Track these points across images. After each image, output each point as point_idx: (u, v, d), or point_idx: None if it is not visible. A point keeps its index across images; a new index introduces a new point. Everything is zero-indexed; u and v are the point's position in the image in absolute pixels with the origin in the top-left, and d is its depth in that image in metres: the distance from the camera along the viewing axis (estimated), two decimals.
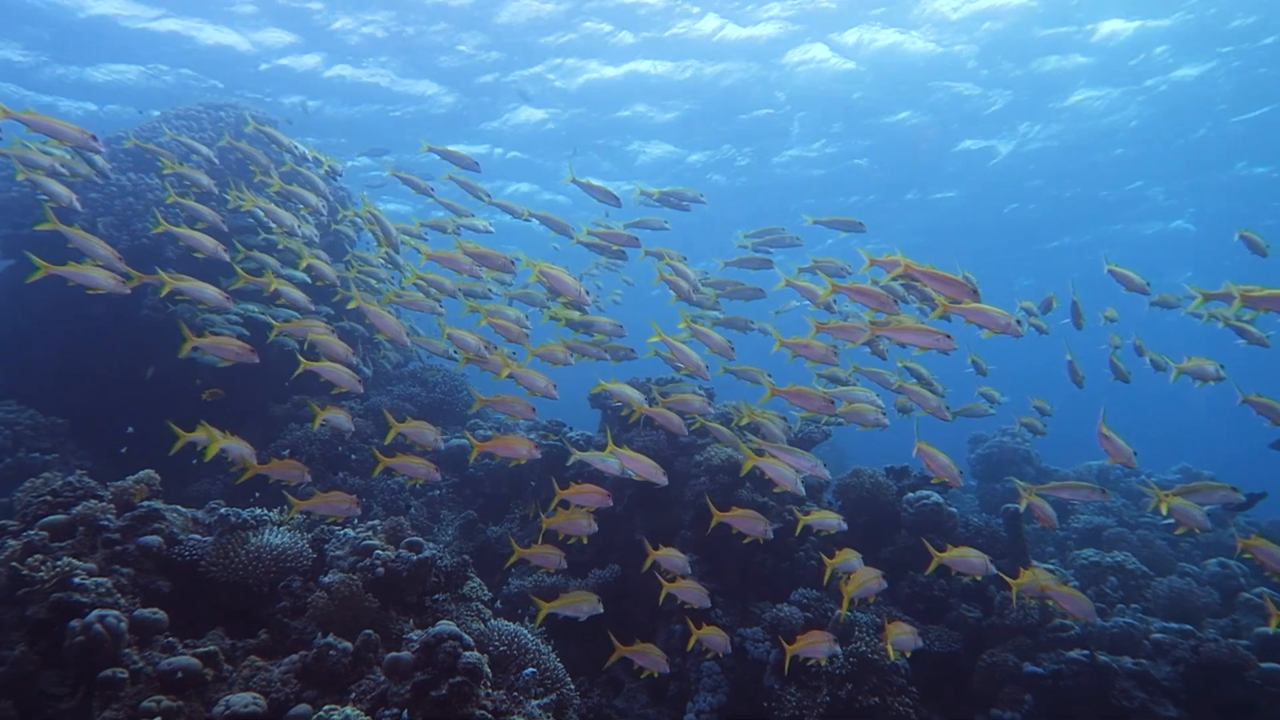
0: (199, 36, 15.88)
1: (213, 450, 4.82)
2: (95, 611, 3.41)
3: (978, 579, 5.91)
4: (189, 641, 3.83)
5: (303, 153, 9.40)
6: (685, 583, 5.61)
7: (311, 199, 8.23)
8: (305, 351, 6.01)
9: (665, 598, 5.63)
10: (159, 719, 3.29)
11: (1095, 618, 5.62)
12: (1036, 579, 5.30)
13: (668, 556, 5.67)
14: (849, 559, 5.56)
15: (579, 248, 7.94)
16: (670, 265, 7.47)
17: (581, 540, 5.96)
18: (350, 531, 4.75)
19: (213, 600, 4.19)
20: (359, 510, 4.88)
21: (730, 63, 17.54)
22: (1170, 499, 5.19)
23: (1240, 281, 5.64)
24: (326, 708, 3.42)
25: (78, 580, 3.57)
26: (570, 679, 4.74)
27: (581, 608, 5.34)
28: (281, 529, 4.52)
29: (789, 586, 6.66)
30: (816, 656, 5.29)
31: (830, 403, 5.90)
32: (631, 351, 7.40)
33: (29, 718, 3.34)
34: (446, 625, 4.01)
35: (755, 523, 5.74)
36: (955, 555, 5.43)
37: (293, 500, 4.64)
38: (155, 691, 3.43)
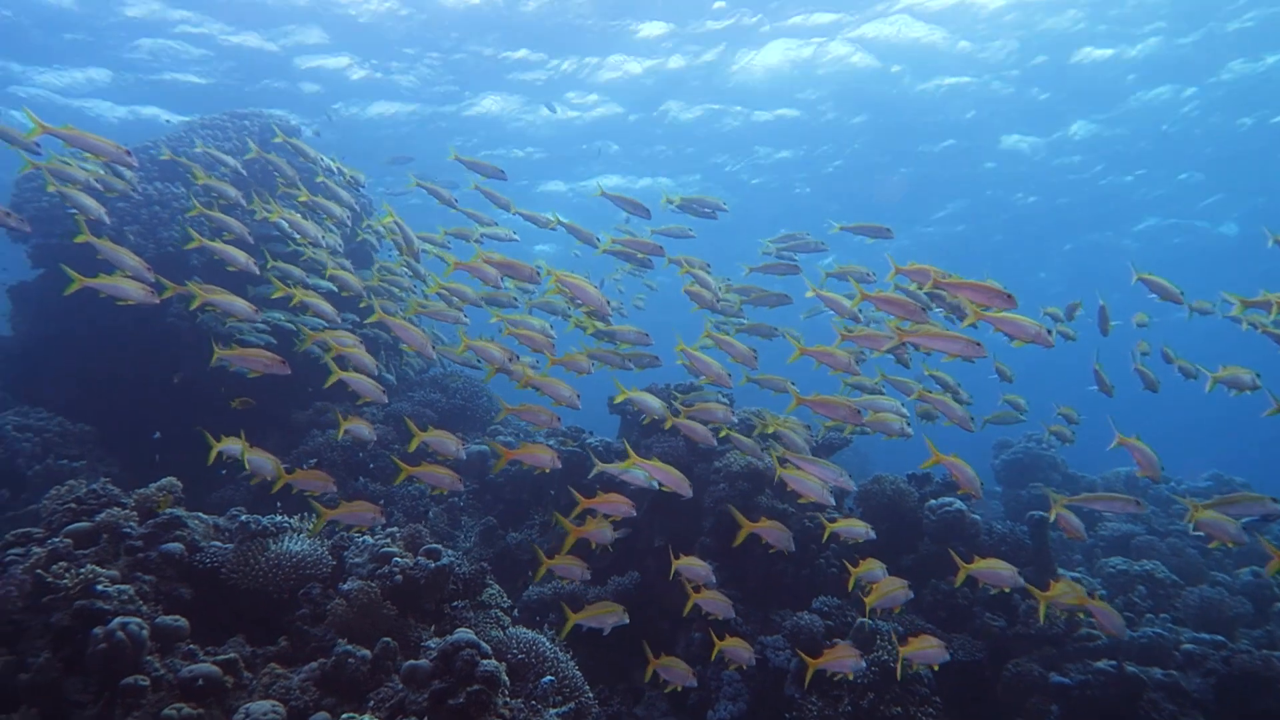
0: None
1: (243, 456, 4.95)
2: (117, 619, 3.45)
3: (1005, 591, 5.82)
4: (210, 648, 3.87)
5: (327, 164, 9.51)
6: (710, 593, 5.57)
7: (336, 210, 8.32)
8: (332, 361, 6.09)
9: (690, 608, 5.58)
10: None
11: (1127, 633, 5.48)
12: (1070, 593, 5.19)
13: (690, 565, 5.63)
14: (873, 568, 5.51)
15: (600, 251, 7.91)
16: (692, 274, 7.43)
17: (607, 549, 5.95)
18: (369, 538, 4.77)
19: (234, 607, 4.22)
20: (383, 519, 4.88)
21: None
22: (1202, 511, 5.04)
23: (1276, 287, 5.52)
24: (345, 716, 3.44)
25: (100, 588, 3.61)
26: (589, 687, 4.73)
27: (607, 619, 5.30)
28: (301, 536, 4.54)
29: (810, 594, 6.61)
30: (843, 672, 5.20)
31: (856, 412, 5.86)
32: (655, 359, 7.37)
33: None
34: (464, 633, 4.01)
35: (781, 534, 5.71)
36: (983, 567, 5.32)
37: (321, 510, 4.66)
38: (176, 699, 3.46)
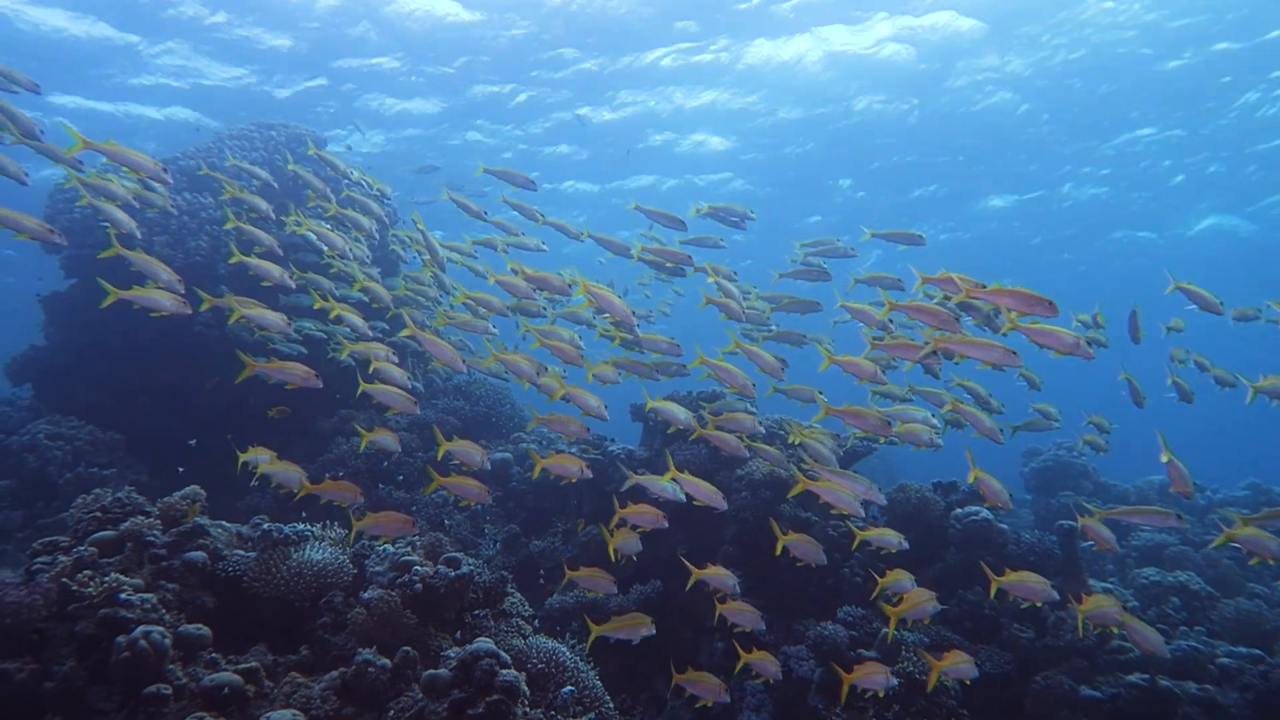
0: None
1: (264, 468, 5.04)
2: (140, 628, 3.48)
3: (1038, 605, 5.69)
4: (232, 657, 3.89)
5: (356, 177, 9.65)
6: (737, 604, 5.50)
7: (365, 222, 8.43)
8: (363, 372, 6.18)
9: (717, 619, 5.52)
10: None
11: (1166, 651, 5.30)
12: (1108, 607, 5.05)
13: (716, 575, 5.55)
14: (900, 579, 5.41)
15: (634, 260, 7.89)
16: (717, 282, 7.39)
17: (632, 558, 5.93)
18: (390, 547, 4.78)
19: (256, 615, 4.24)
20: (415, 530, 4.86)
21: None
22: (1242, 529, 4.85)
23: None
24: None
25: (124, 596, 3.65)
26: (610, 697, 4.70)
27: (638, 631, 5.25)
28: (323, 544, 4.56)
29: (833, 603, 6.53)
30: (874, 688, 5.05)
31: (886, 423, 5.80)
32: (683, 368, 7.34)
33: None
34: (484, 643, 4.01)
35: (811, 548, 5.65)
36: (1014, 580, 5.19)
37: (352, 521, 4.68)
38: (198, 708, 3.48)
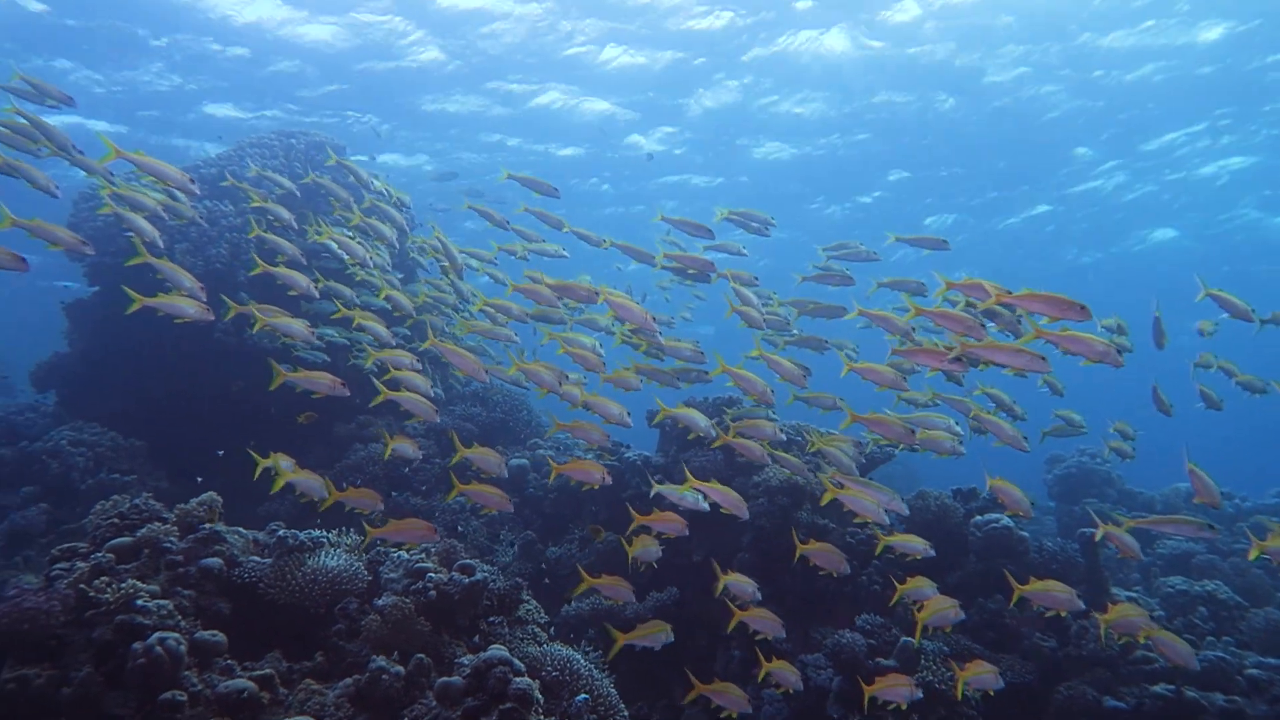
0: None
1: (279, 484, 5.07)
2: (156, 634, 3.49)
3: (1063, 615, 5.59)
4: (247, 664, 3.90)
5: (379, 187, 9.74)
6: (758, 611, 5.44)
7: (387, 231, 8.51)
8: (384, 378, 6.23)
9: (736, 626, 5.47)
10: None
11: (1195, 663, 5.19)
12: (1134, 616, 4.97)
13: (736, 582, 5.52)
14: (922, 586, 5.35)
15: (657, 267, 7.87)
16: (735, 289, 7.36)
17: (652, 565, 5.90)
18: (404, 554, 4.78)
19: (271, 622, 4.25)
20: (437, 537, 4.86)
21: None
22: (1276, 539, 4.73)
23: None
24: None
25: (141, 602, 3.66)
26: (625, 706, 4.67)
27: (658, 638, 5.26)
28: (338, 551, 4.56)
29: (851, 611, 6.46)
30: (896, 700, 4.98)
31: (910, 432, 5.75)
32: (704, 374, 7.32)
33: None
34: (498, 650, 4.00)
35: (832, 557, 5.61)
36: (1039, 588, 5.10)
37: (369, 528, 4.69)
38: (213, 714, 3.49)
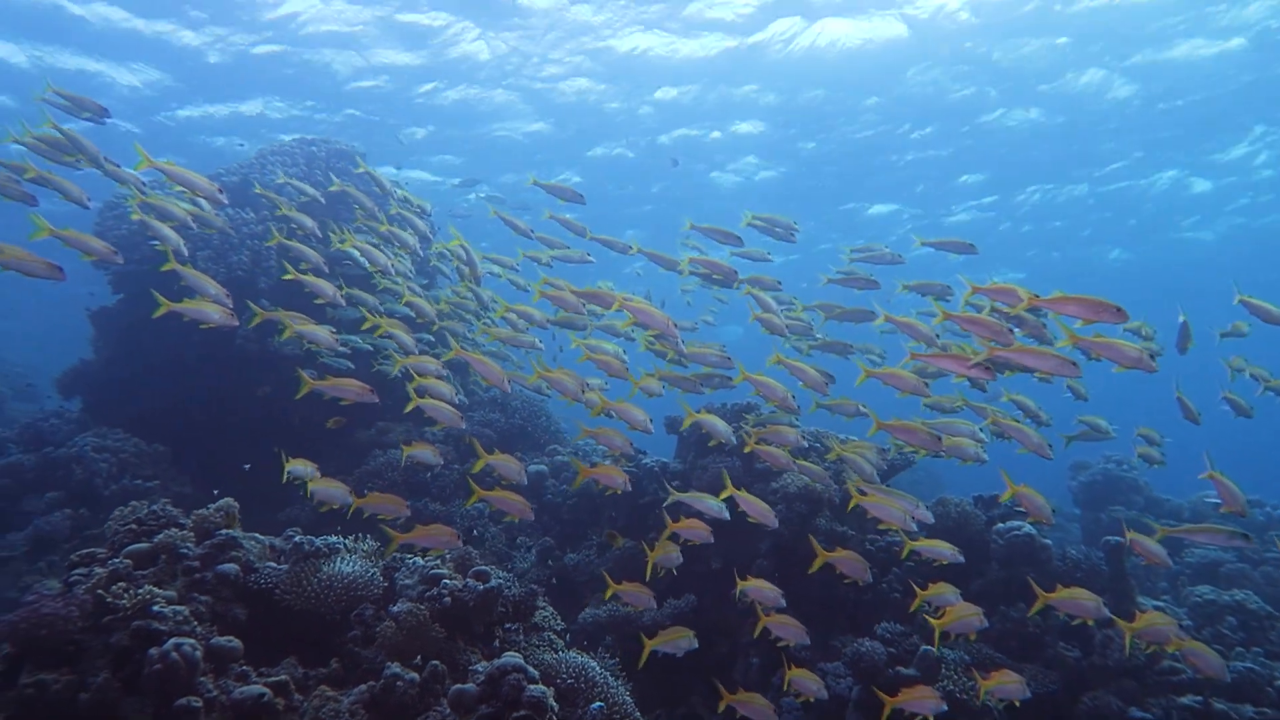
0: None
1: (310, 484, 5.16)
2: (172, 640, 3.50)
3: (1089, 623, 5.49)
4: (263, 670, 3.90)
5: (402, 194, 9.82)
6: (782, 617, 5.37)
7: (410, 240, 8.57)
8: (410, 386, 6.29)
9: (759, 632, 5.42)
10: None
11: (1226, 674, 5.07)
12: (1162, 625, 4.86)
13: (758, 588, 5.44)
14: (944, 592, 5.25)
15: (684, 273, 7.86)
16: (753, 295, 7.32)
17: (672, 571, 5.87)
18: (420, 560, 4.77)
19: (287, 628, 4.26)
20: (460, 543, 4.86)
21: None
22: None
23: None
24: None
25: (157, 608, 3.68)
26: (642, 714, 4.63)
27: (680, 644, 5.23)
28: (354, 557, 4.57)
29: (871, 619, 6.39)
30: (921, 714, 4.79)
31: (936, 438, 5.69)
32: (727, 379, 7.29)
33: None
34: (512, 657, 3.98)
35: (857, 565, 5.54)
36: (1065, 596, 5.00)
37: (392, 534, 4.69)
38: None
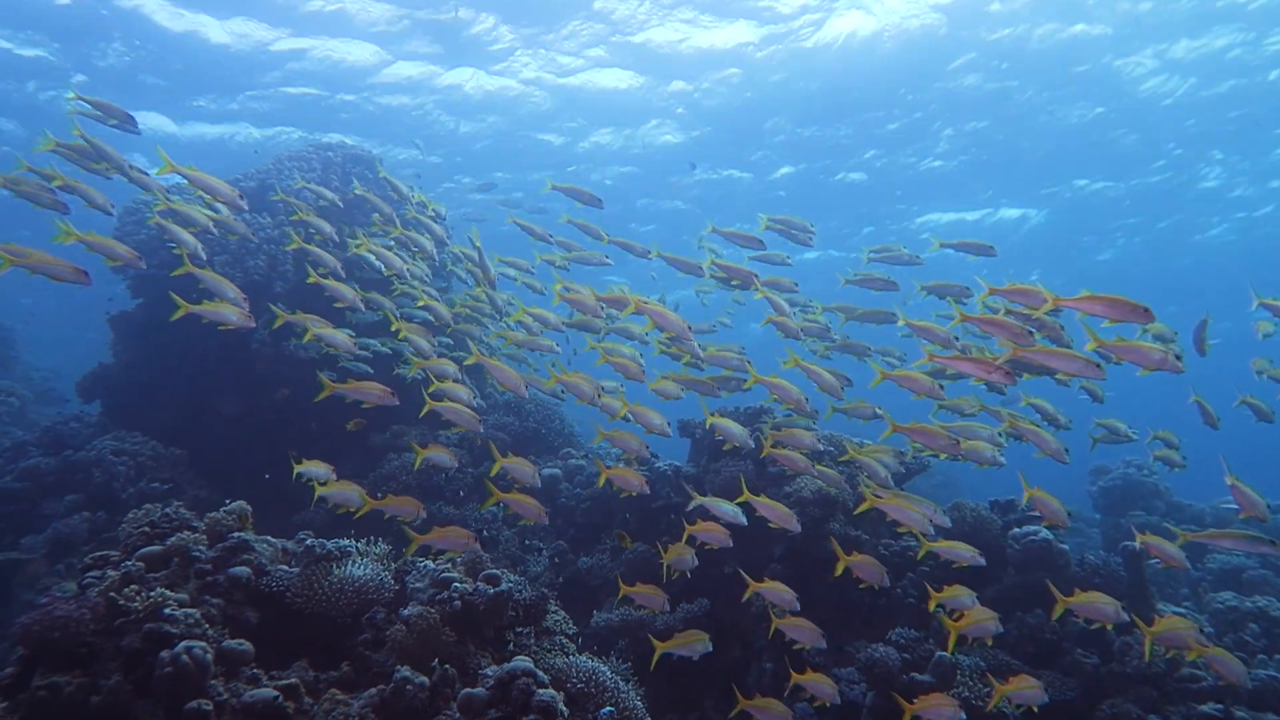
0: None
1: (323, 489, 5.19)
2: (183, 643, 3.52)
3: (1109, 628, 5.42)
4: (274, 673, 3.91)
5: (419, 200, 9.88)
6: (797, 620, 5.32)
7: (427, 244, 8.62)
8: (428, 390, 6.35)
9: (773, 635, 5.39)
10: None
11: (1248, 681, 4.99)
12: (1182, 630, 4.79)
13: (775, 591, 5.41)
14: (960, 595, 5.19)
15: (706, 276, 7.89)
16: (768, 298, 7.31)
17: (686, 574, 5.85)
18: (431, 563, 4.78)
19: (298, 631, 4.27)
20: (478, 546, 4.86)
21: None
22: None
23: None
24: None
25: (169, 611, 3.70)
26: (655, 719, 4.62)
27: (695, 648, 5.22)
28: (365, 560, 4.58)
29: (885, 624, 6.33)
30: None
31: (955, 442, 5.67)
32: (742, 382, 7.29)
33: None
34: (522, 662, 3.97)
35: (874, 569, 5.51)
36: (1084, 600, 4.97)
37: (414, 535, 4.70)
38: None
